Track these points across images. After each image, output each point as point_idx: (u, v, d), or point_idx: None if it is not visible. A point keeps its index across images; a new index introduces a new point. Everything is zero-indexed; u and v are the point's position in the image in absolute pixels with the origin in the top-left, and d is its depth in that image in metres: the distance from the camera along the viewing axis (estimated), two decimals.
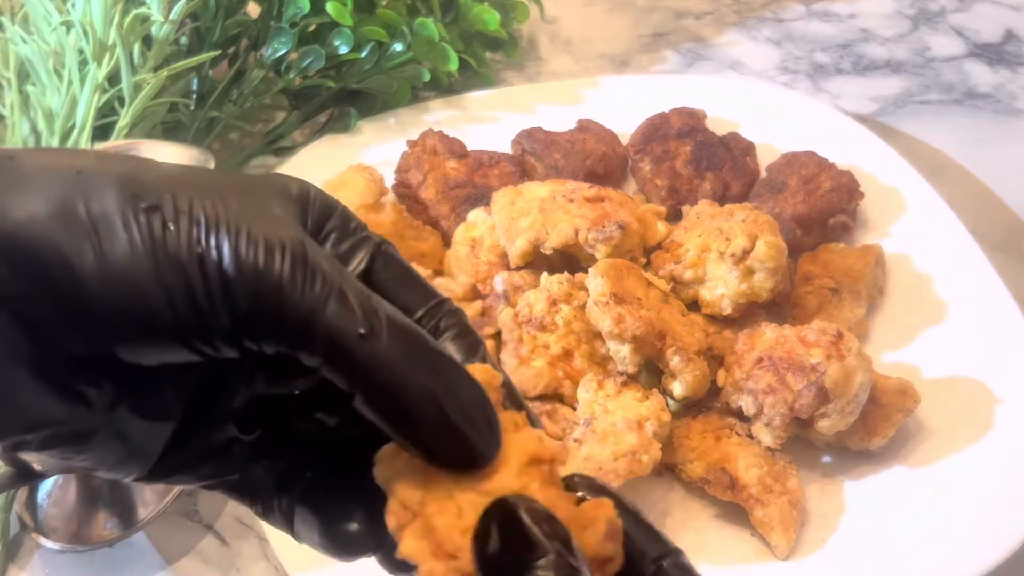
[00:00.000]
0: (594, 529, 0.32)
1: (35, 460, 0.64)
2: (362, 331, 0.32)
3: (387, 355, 0.32)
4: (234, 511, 0.75)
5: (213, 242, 0.31)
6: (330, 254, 0.36)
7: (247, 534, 0.74)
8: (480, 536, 0.31)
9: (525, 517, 0.31)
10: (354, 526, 0.37)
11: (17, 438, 0.32)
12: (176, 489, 0.74)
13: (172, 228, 0.31)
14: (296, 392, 0.38)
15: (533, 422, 0.36)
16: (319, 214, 0.37)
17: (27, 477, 0.69)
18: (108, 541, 0.72)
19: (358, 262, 0.37)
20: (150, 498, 0.74)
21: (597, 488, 0.34)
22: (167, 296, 0.31)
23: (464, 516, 0.32)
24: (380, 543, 0.37)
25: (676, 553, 0.34)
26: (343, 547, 0.38)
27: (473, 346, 0.37)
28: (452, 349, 0.36)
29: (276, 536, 0.69)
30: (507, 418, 0.34)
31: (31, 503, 0.73)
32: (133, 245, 0.31)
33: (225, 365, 0.34)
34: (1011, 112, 1.10)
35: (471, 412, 0.33)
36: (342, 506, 0.38)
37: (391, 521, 0.33)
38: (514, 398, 0.36)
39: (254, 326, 0.31)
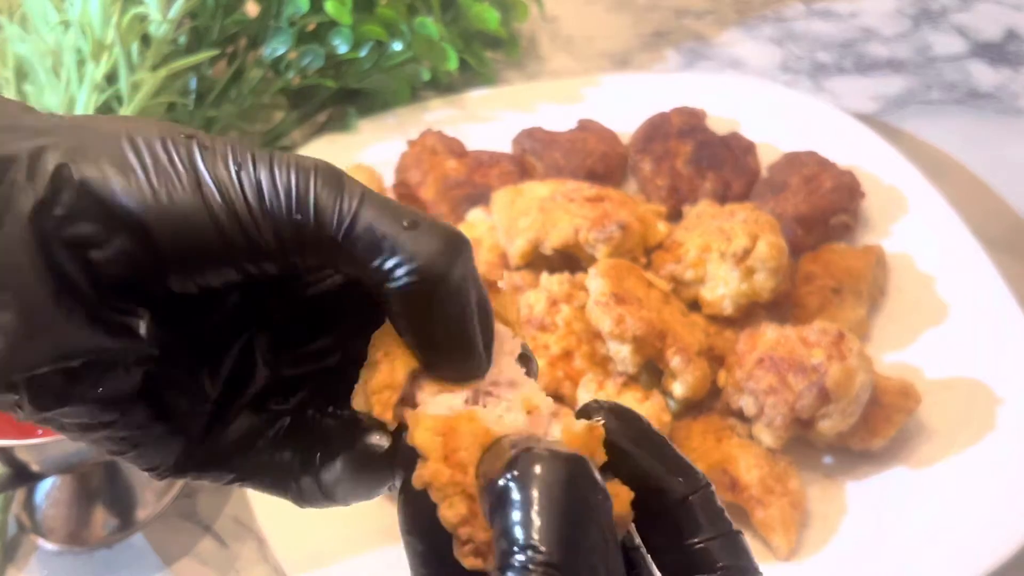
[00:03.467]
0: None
1: (33, 460, 0.64)
2: (405, 223, 0.33)
3: (429, 243, 0.33)
4: (233, 512, 0.75)
5: (250, 165, 0.33)
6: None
7: (246, 535, 0.74)
8: (502, 469, 0.30)
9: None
10: (373, 438, 0.37)
11: (63, 364, 0.32)
12: (175, 490, 0.74)
13: (208, 151, 0.33)
14: (316, 368, 0.39)
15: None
16: None
17: (25, 478, 0.69)
18: (106, 542, 0.72)
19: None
20: (149, 499, 0.74)
21: (618, 413, 0.34)
22: (211, 212, 0.32)
23: (491, 435, 0.31)
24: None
25: (705, 488, 0.34)
26: (374, 460, 0.38)
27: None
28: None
29: (275, 537, 0.69)
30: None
31: (29, 504, 0.73)
32: (175, 166, 0.33)
33: (248, 345, 0.36)
34: (1013, 111, 1.10)
35: (486, 325, 0.34)
36: (356, 432, 0.38)
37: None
38: None
39: (297, 238, 0.33)
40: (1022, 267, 0.91)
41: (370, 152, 0.96)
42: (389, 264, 0.33)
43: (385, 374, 0.34)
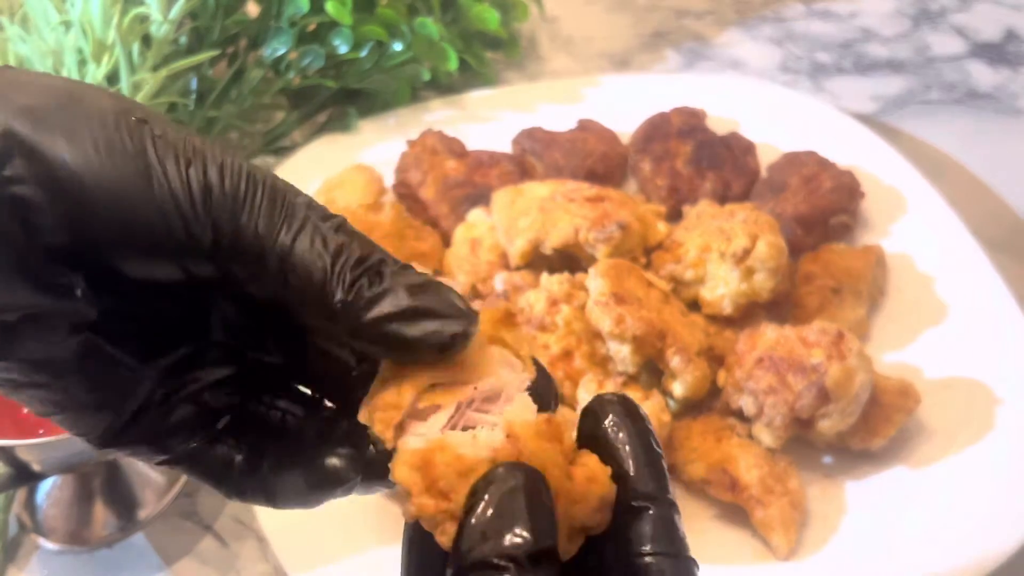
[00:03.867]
0: (584, 504, 0.33)
1: (34, 460, 0.64)
2: (329, 263, 0.34)
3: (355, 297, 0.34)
4: (233, 512, 0.75)
5: (201, 162, 0.34)
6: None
7: (246, 535, 0.74)
8: (477, 491, 0.32)
9: (521, 493, 0.32)
10: (335, 460, 0.39)
11: None
12: (175, 489, 0.74)
13: (161, 139, 0.34)
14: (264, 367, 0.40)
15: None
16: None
17: (26, 478, 0.69)
18: (107, 542, 0.72)
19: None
20: (149, 499, 0.74)
21: (626, 407, 0.35)
22: (154, 200, 0.33)
23: (464, 461, 0.32)
24: (362, 468, 0.39)
25: (671, 506, 0.34)
26: (331, 483, 0.39)
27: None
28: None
29: (275, 536, 0.69)
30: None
31: (30, 504, 0.73)
32: (125, 148, 0.33)
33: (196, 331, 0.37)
34: (1012, 112, 1.10)
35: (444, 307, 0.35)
36: (318, 450, 0.39)
37: (383, 417, 0.34)
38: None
39: (233, 245, 0.34)
40: (1021, 267, 0.91)
41: (370, 152, 0.96)
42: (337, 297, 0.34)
43: (391, 394, 0.35)
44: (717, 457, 0.72)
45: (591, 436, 0.35)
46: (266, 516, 0.70)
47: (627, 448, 0.34)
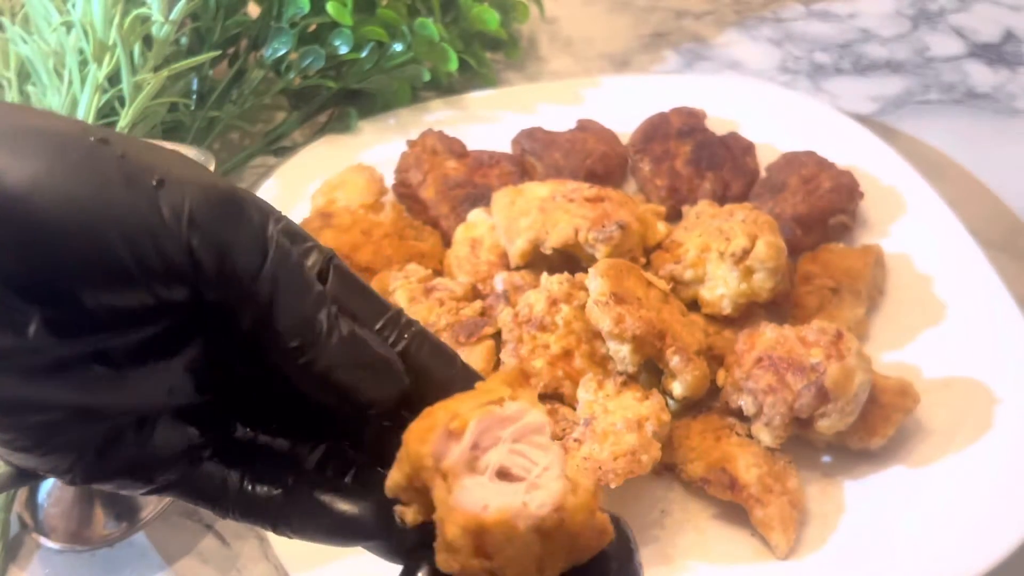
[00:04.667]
0: (586, 551, 0.36)
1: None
2: (320, 326, 0.34)
3: (344, 356, 0.35)
4: None
5: (174, 181, 0.31)
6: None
7: (247, 534, 0.74)
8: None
9: None
10: (355, 510, 0.39)
11: None
12: None
13: (124, 159, 0.31)
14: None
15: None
16: (267, 208, 0.38)
17: (27, 477, 0.69)
18: (108, 541, 0.72)
19: (311, 266, 0.37)
20: (150, 498, 0.74)
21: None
22: (120, 222, 0.31)
23: (514, 530, 0.34)
24: (385, 530, 0.38)
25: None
26: (351, 535, 0.39)
27: (449, 355, 0.39)
28: (430, 361, 0.38)
29: (277, 536, 0.69)
30: None
31: (31, 503, 0.73)
32: (80, 167, 0.31)
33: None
34: (1011, 112, 1.10)
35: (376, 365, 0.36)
36: (345, 494, 0.39)
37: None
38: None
39: (213, 276, 0.32)
40: (1020, 266, 0.91)
41: (371, 153, 0.96)
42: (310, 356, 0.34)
43: (438, 443, 0.35)
44: (716, 456, 0.72)
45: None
46: None
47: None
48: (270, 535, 0.70)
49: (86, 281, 0.31)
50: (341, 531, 0.39)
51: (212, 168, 0.81)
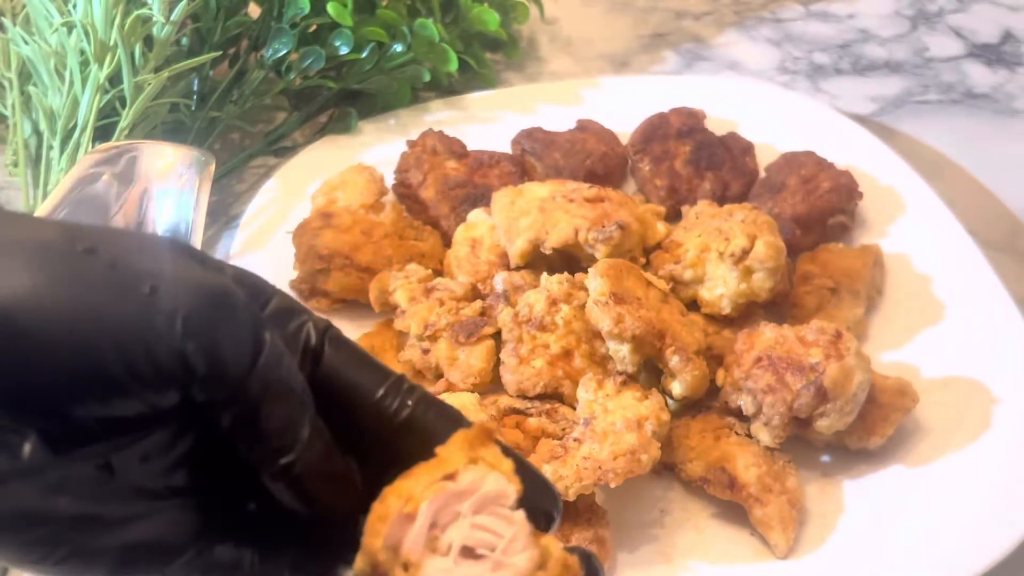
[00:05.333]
0: None
1: None
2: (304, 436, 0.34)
3: (317, 464, 0.35)
4: None
5: (169, 286, 0.31)
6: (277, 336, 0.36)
7: None
8: None
9: None
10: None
11: None
12: None
13: (114, 268, 0.31)
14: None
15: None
16: (257, 291, 0.37)
17: None
18: None
19: (307, 341, 0.37)
20: None
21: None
22: (111, 334, 0.30)
23: None
24: None
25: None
26: None
27: (454, 417, 0.38)
28: (436, 425, 0.38)
29: None
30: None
31: None
32: (69, 280, 0.30)
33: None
34: (1009, 112, 1.10)
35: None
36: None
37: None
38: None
39: (204, 377, 0.32)
40: (1018, 266, 0.91)
41: (371, 153, 0.96)
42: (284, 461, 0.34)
43: (394, 531, 0.34)
44: (716, 456, 0.72)
45: None
46: None
47: None
48: None
49: (77, 396, 0.31)
50: None
51: (212, 168, 0.81)
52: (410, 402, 0.38)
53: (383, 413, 0.38)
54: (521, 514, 0.35)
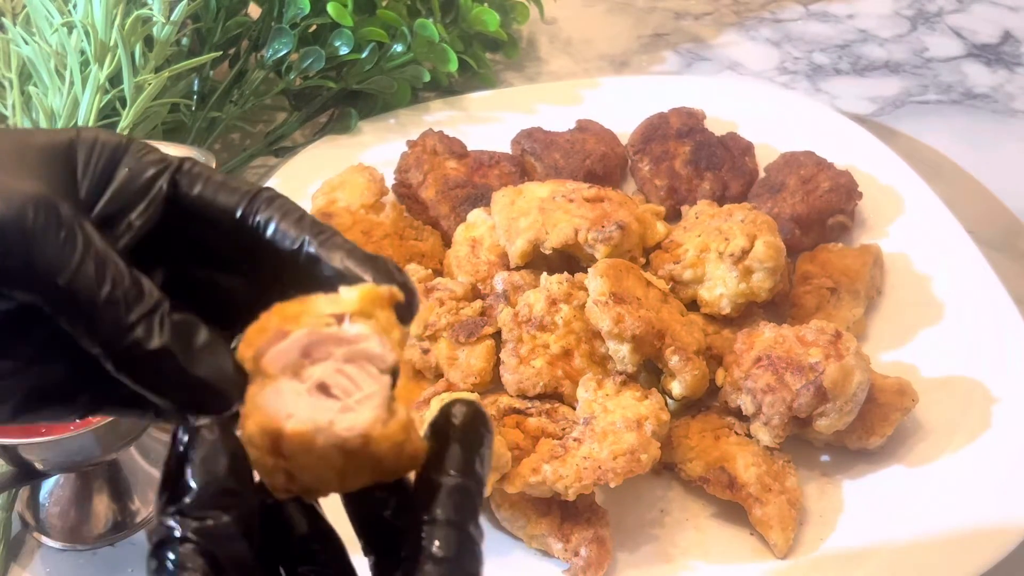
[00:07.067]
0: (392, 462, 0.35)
1: (36, 459, 0.65)
2: (105, 293, 0.34)
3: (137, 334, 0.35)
4: None
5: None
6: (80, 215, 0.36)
7: None
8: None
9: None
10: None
11: None
12: None
13: None
14: None
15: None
16: (100, 163, 0.38)
17: (29, 476, 0.69)
18: (109, 540, 0.72)
19: (156, 191, 0.39)
20: (151, 497, 0.74)
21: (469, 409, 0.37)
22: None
23: (314, 445, 0.34)
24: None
25: (473, 486, 0.36)
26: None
27: (313, 225, 0.39)
28: (284, 233, 0.39)
29: None
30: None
31: (33, 502, 0.73)
32: None
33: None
34: (1009, 112, 1.10)
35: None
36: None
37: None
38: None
39: (21, 287, 0.34)
40: (1018, 266, 0.92)
41: (371, 153, 0.96)
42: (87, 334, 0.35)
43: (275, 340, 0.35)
44: (715, 455, 0.72)
45: (438, 431, 0.37)
46: None
47: (454, 434, 0.37)
48: None
49: None
50: None
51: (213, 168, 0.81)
52: (269, 212, 0.39)
53: (247, 228, 0.39)
54: (387, 379, 0.36)
